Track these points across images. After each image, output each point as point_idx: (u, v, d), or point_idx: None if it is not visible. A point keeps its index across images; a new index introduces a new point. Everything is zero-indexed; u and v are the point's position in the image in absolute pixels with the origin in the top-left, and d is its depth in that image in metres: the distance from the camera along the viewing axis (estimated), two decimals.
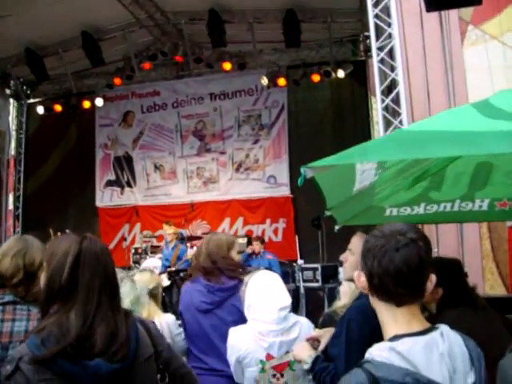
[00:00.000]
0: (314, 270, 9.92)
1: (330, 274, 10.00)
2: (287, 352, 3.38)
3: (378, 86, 6.23)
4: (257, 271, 3.73)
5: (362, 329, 2.60)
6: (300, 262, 9.84)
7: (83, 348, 1.94)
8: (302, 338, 3.34)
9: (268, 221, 14.02)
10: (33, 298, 2.80)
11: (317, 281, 9.65)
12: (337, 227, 5.33)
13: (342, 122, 13.82)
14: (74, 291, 2.03)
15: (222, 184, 14.48)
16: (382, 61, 6.37)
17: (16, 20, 11.52)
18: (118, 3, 11.72)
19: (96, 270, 2.10)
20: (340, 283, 10.34)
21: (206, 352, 3.88)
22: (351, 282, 3.71)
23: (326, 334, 3.08)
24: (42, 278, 2.11)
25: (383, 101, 6.25)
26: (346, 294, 4.03)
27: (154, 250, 12.67)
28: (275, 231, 13.89)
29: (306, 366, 2.92)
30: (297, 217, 13.81)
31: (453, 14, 8.53)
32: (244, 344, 3.40)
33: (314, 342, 3.11)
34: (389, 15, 6.58)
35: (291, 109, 14.24)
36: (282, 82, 13.77)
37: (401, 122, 6.22)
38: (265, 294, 3.44)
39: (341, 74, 13.41)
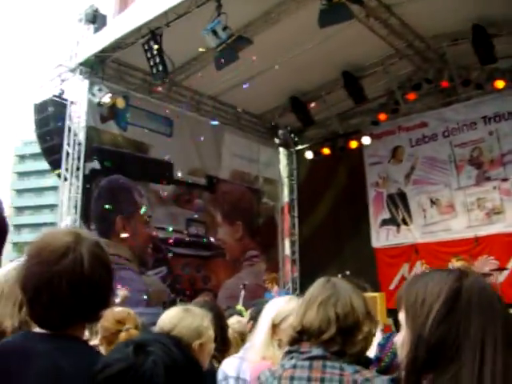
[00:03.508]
0: None
1: None
2: None
3: None
4: None
5: None
6: None
7: None
8: None
9: None
10: (351, 356, 2.25)
11: None
12: None
13: None
14: (454, 348, 1.37)
15: (508, 214, 13.03)
16: None
17: (279, 71, 11.91)
18: (375, 37, 11.54)
19: (488, 315, 1.41)
20: None
21: None
22: None
23: None
24: (406, 336, 1.47)
25: None
26: None
27: None
28: None
29: None
30: None
31: None
32: None
33: None
34: None
35: None
36: None
37: None
38: None
39: None
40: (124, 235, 11.60)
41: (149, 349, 1.54)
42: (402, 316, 1.49)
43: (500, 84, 12.40)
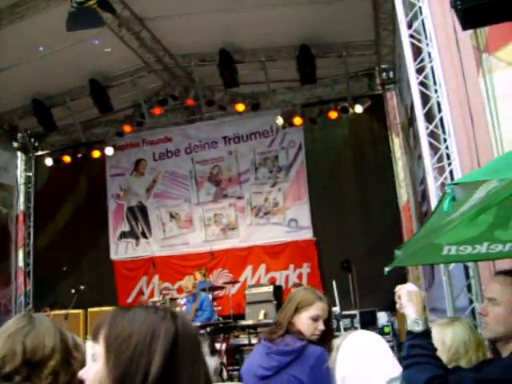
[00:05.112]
0: (352, 317, 9.16)
1: (369, 321, 9.27)
2: None
3: (419, 110, 5.64)
4: (350, 332, 2.97)
5: None
6: (335, 309, 8.87)
7: None
8: None
9: (291, 266, 13.36)
10: None
11: (355, 328, 8.85)
12: (387, 269, 4.72)
13: (362, 159, 13.32)
14: None
15: (242, 230, 13.85)
16: (421, 83, 5.82)
17: (22, 70, 11.21)
18: (126, 48, 11.38)
19: (197, 357, 1.47)
20: (381, 329, 9.68)
21: None
22: (459, 340, 2.91)
23: None
24: (104, 371, 1.40)
25: (427, 127, 5.65)
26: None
27: (174, 302, 11.98)
28: (299, 276, 13.21)
29: (417, 328, 2.29)
30: (321, 260, 13.14)
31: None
32: None
33: None
34: (424, 34, 6.10)
35: (309, 148, 13.72)
36: (297, 121, 13.27)
37: (447, 148, 5.64)
38: (366, 361, 2.62)
39: (358, 109, 12.94)
40: None
41: None
42: (98, 348, 1.44)
43: (240, 107, 13.17)
